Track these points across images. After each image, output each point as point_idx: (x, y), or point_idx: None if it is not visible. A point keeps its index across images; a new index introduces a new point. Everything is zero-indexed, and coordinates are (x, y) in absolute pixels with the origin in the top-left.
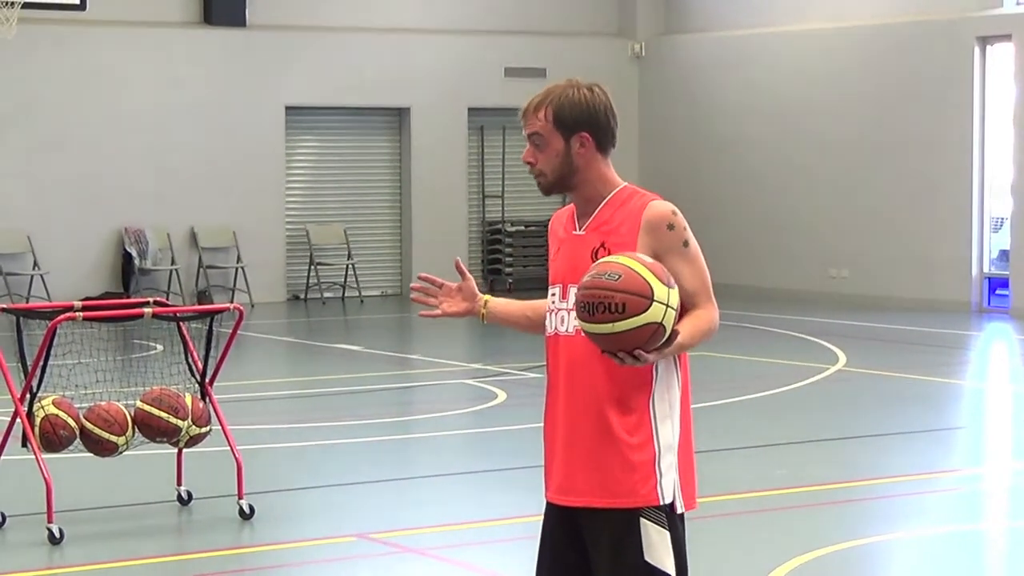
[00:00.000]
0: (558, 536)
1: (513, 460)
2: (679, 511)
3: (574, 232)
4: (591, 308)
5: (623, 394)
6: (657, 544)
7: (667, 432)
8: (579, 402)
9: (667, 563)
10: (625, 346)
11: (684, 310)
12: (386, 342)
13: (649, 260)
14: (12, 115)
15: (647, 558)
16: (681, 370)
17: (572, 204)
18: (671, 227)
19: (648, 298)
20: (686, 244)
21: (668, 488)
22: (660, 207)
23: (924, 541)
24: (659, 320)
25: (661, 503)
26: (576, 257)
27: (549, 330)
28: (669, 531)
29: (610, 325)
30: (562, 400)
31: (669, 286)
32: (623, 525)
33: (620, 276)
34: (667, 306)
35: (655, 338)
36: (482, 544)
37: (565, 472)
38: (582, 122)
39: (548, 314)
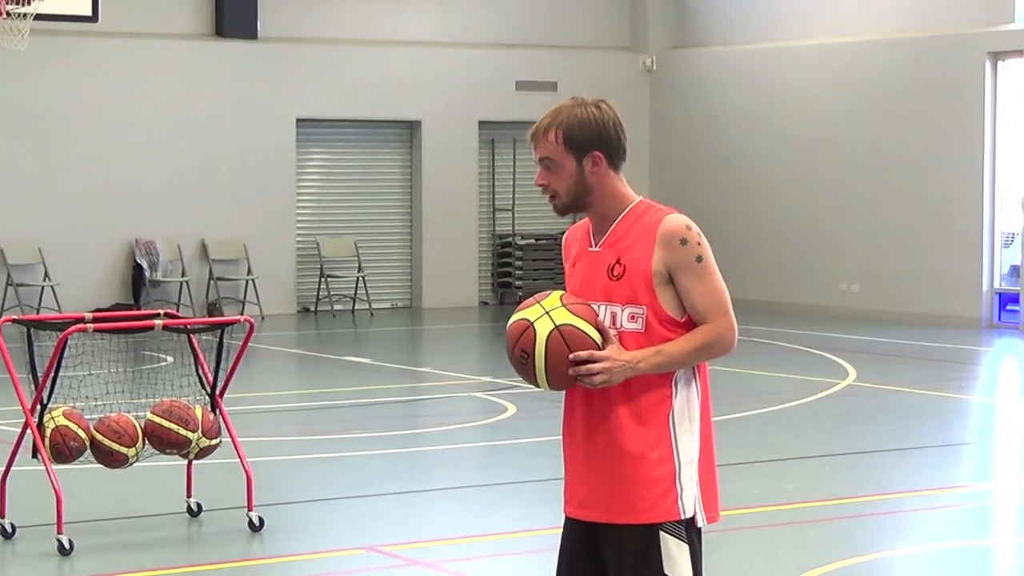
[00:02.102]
0: (576, 550)
1: (523, 473)
2: (699, 525)
3: (590, 249)
4: (521, 375)
5: (642, 409)
6: (676, 558)
7: (687, 446)
8: (598, 418)
9: None
10: (562, 368)
11: (695, 327)
12: (396, 355)
13: (520, 304)
14: (23, 126)
15: (667, 571)
16: (701, 383)
17: (587, 219)
18: (684, 242)
19: (528, 327)
20: (700, 259)
21: (689, 502)
22: (674, 221)
23: (932, 557)
24: (552, 326)
25: (682, 517)
26: (592, 274)
27: None
28: (688, 544)
29: (536, 371)
30: (580, 416)
31: (539, 301)
32: (643, 539)
33: (507, 338)
34: (545, 312)
35: (573, 338)
36: (492, 557)
37: (586, 488)
38: (593, 141)
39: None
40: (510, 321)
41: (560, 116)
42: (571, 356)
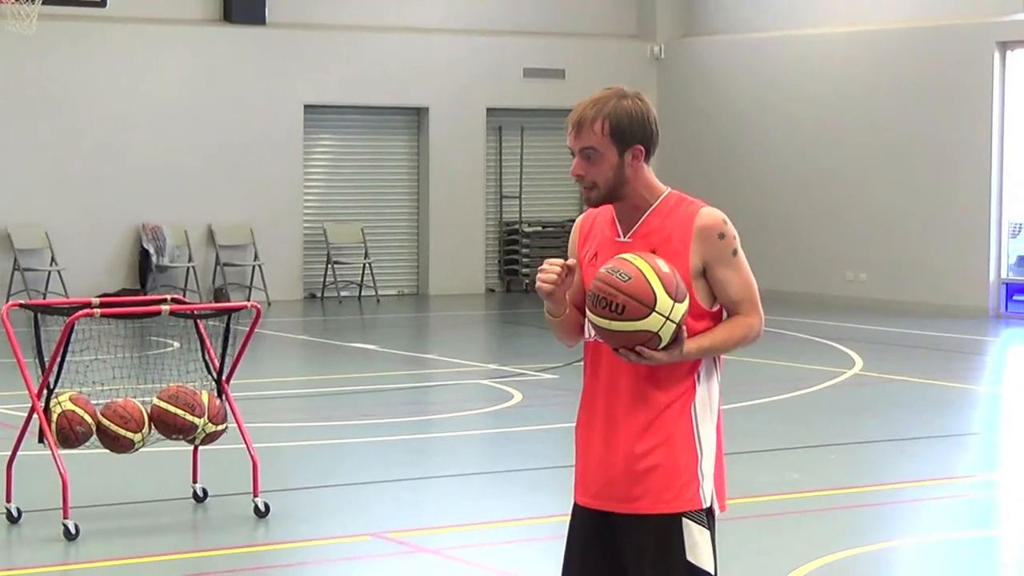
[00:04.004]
0: (588, 539)
1: (529, 461)
2: (716, 512)
3: (617, 239)
4: (596, 300)
5: (666, 399)
6: (700, 544)
7: (708, 436)
8: (621, 408)
9: (707, 563)
10: (619, 344)
11: (728, 317)
12: (402, 341)
13: (666, 269)
14: (31, 111)
15: (689, 558)
16: (719, 374)
17: (608, 207)
18: (722, 236)
19: (649, 307)
20: (735, 253)
21: (708, 491)
22: (711, 215)
23: (938, 547)
24: (655, 330)
25: (703, 507)
26: None
27: (588, 336)
28: (709, 530)
29: (607, 321)
30: (601, 405)
31: (676, 299)
32: (667, 527)
33: (630, 279)
34: (667, 318)
35: (649, 345)
36: (497, 544)
37: (605, 477)
38: (637, 135)
39: (588, 321)
40: (646, 271)
41: (607, 107)
42: (637, 348)
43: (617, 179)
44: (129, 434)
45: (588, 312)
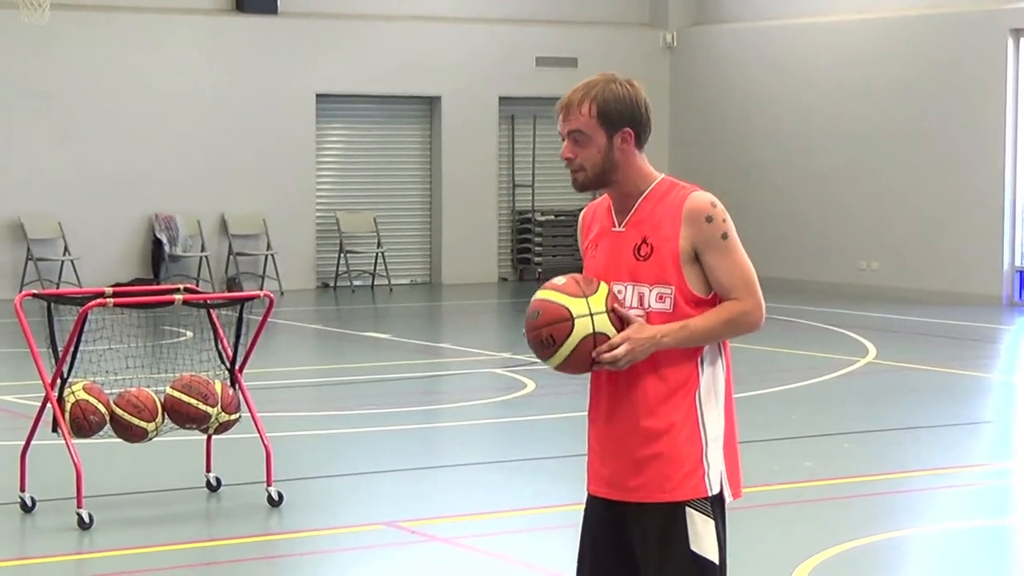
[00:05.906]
0: (600, 528)
1: (541, 449)
2: (727, 501)
3: (613, 229)
4: (534, 349)
5: (669, 387)
6: (703, 533)
7: (714, 423)
8: (624, 396)
9: (712, 552)
10: (584, 366)
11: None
12: (415, 330)
13: (561, 281)
14: (44, 101)
15: (693, 547)
16: (725, 360)
17: (606, 197)
18: (709, 219)
19: (567, 319)
20: (725, 237)
21: (715, 479)
22: (700, 199)
23: (951, 535)
24: (590, 331)
25: (709, 495)
26: (617, 254)
27: None
28: (714, 520)
29: (554, 358)
30: (606, 394)
31: (587, 294)
32: (670, 516)
33: (539, 312)
34: (590, 315)
35: (600, 343)
36: (510, 533)
37: (612, 466)
38: (626, 118)
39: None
40: (547, 296)
41: (594, 90)
42: (593, 354)
43: (605, 163)
44: (143, 423)
45: (545, 364)
